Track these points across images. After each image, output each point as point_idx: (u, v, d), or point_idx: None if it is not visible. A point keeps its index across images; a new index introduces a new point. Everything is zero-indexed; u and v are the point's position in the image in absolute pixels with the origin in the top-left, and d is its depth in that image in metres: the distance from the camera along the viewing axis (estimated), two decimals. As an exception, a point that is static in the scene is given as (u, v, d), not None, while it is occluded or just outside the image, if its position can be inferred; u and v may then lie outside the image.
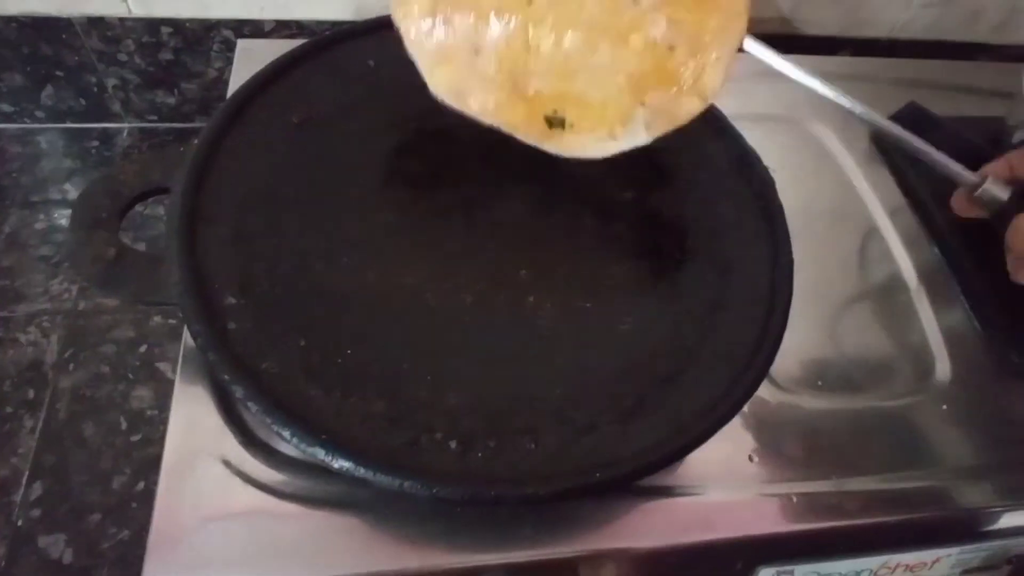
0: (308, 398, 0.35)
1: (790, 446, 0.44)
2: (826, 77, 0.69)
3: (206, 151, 0.42)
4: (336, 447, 0.33)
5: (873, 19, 0.75)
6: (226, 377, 0.34)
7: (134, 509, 0.48)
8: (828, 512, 0.41)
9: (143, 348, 0.57)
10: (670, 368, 0.40)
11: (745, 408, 0.39)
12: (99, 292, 0.55)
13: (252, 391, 0.34)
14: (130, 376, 0.55)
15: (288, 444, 0.33)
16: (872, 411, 0.47)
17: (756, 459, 0.43)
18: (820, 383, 0.47)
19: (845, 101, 0.43)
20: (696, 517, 0.40)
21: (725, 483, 0.42)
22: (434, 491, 0.32)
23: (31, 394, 0.53)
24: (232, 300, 0.37)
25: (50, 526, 0.47)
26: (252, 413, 0.34)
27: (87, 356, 0.56)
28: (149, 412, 0.54)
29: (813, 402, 0.46)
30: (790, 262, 0.44)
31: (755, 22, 0.72)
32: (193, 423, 0.39)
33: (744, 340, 0.41)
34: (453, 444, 0.35)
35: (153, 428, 0.53)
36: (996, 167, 0.48)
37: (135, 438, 0.52)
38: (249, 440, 0.39)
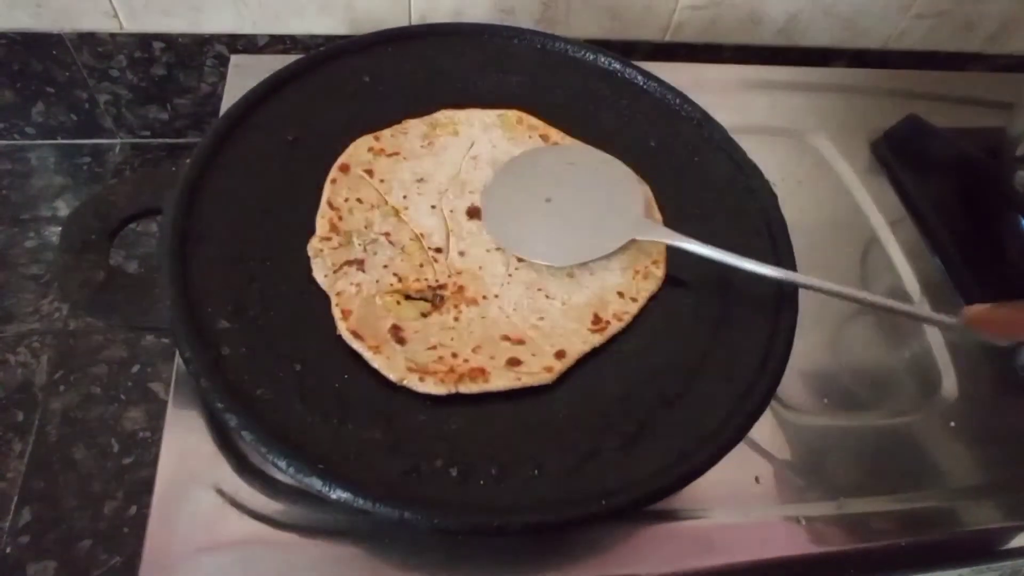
0: (304, 425, 0.34)
1: (796, 466, 0.43)
2: (823, 88, 0.70)
3: (198, 170, 0.41)
4: (333, 478, 0.32)
5: (867, 30, 0.75)
6: (219, 405, 0.33)
7: (126, 535, 0.47)
8: (837, 535, 0.41)
9: (135, 368, 0.55)
10: (672, 390, 0.39)
11: (750, 428, 0.38)
12: (88, 318, 0.54)
13: (246, 420, 0.33)
14: (122, 397, 0.54)
15: (284, 474, 0.32)
16: (879, 429, 0.46)
17: (762, 480, 0.42)
18: (825, 400, 0.47)
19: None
20: (702, 542, 0.39)
21: (731, 506, 0.41)
22: (435, 522, 0.31)
23: (20, 416, 0.52)
24: (225, 324, 0.36)
25: (39, 553, 0.45)
26: (247, 442, 0.33)
27: (78, 377, 0.54)
28: (142, 434, 0.52)
29: (819, 420, 0.46)
30: (794, 280, 0.43)
31: (750, 32, 0.73)
32: (186, 450, 0.38)
33: (748, 360, 0.40)
34: (454, 472, 0.34)
35: (146, 450, 0.51)
36: None
37: (127, 461, 0.51)
38: (244, 467, 0.37)
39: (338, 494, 0.32)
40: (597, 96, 0.53)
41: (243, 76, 0.54)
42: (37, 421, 0.52)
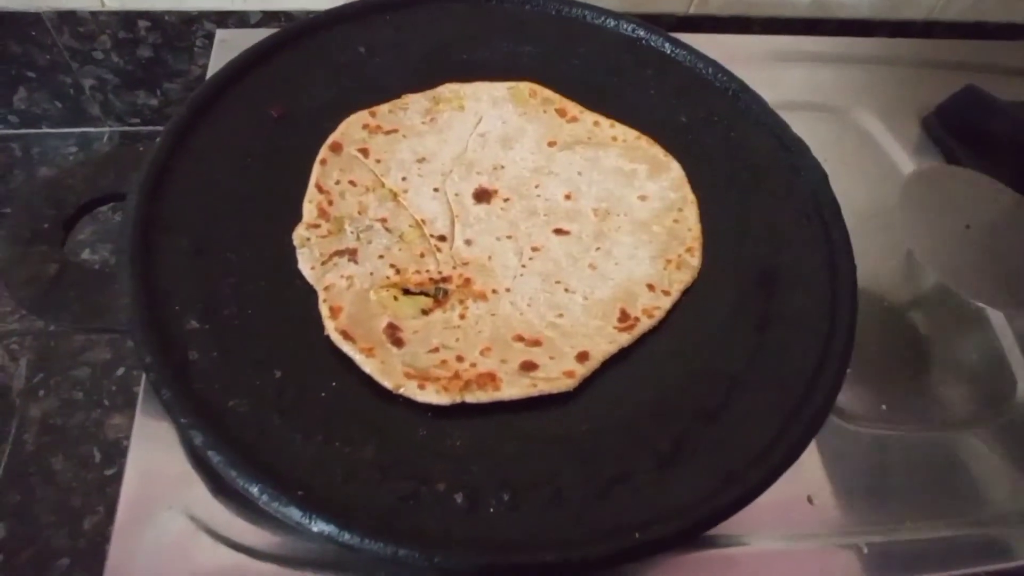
0: (283, 443, 0.29)
1: (855, 484, 0.37)
2: (865, 60, 0.64)
3: (168, 151, 0.36)
4: (315, 507, 0.27)
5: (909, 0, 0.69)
6: (183, 420, 0.28)
7: (107, 553, 0.43)
8: (906, 564, 0.35)
9: (120, 371, 0.52)
10: (713, 400, 0.34)
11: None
12: (35, 317, 0.50)
13: (214, 437, 0.28)
14: (105, 402, 0.50)
15: (258, 501, 0.28)
16: (947, 439, 0.40)
17: (816, 500, 0.36)
18: (884, 407, 0.41)
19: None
20: (748, 573, 0.34)
21: (781, 530, 0.36)
22: (436, 560, 0.26)
23: None
24: (194, 324, 0.32)
25: (13, 573, 0.42)
26: (214, 464, 0.28)
27: (58, 381, 0.51)
28: (126, 442, 0.48)
29: (878, 430, 0.40)
30: (852, 269, 0.38)
31: (781, 4, 0.67)
32: (154, 467, 0.34)
33: (801, 364, 0.35)
34: (459, 498, 0.29)
35: None
36: None
37: (109, 472, 0.48)
38: (219, 488, 0.33)
39: (320, 527, 0.27)
40: (619, 66, 0.48)
41: (230, 52, 0.49)
42: (14, 429, 0.49)
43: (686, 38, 0.51)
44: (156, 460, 0.34)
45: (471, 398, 0.32)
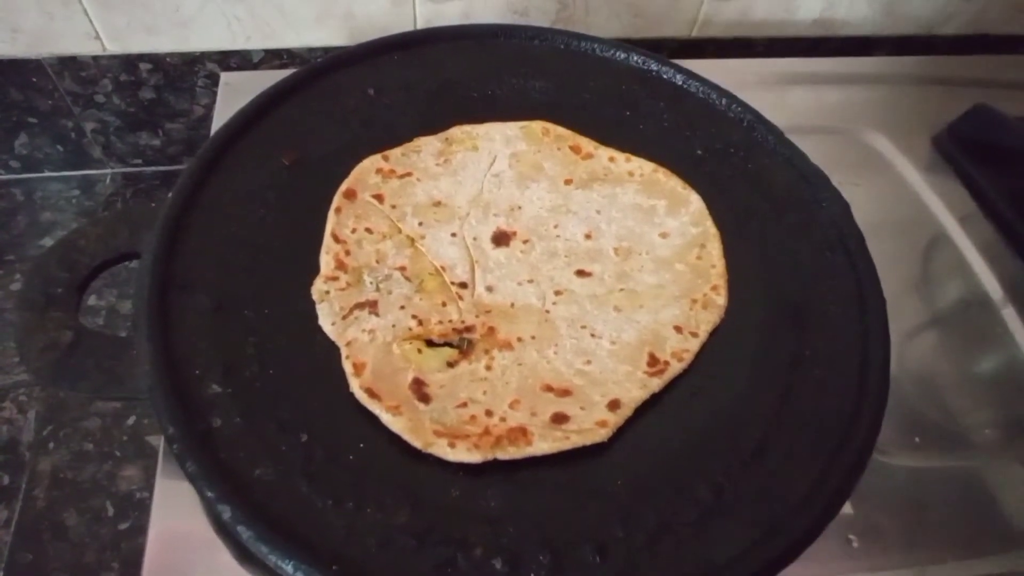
0: (313, 512, 0.28)
1: (897, 522, 0.36)
2: (872, 80, 0.64)
3: (181, 206, 0.35)
4: (350, 581, 0.26)
5: (911, 15, 0.69)
6: (210, 494, 0.27)
7: (131, 624, 0.42)
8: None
9: (131, 420, 0.51)
10: (749, 444, 0.33)
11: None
12: (52, 388, 0.49)
13: (242, 510, 0.27)
14: (117, 453, 0.50)
15: (290, 577, 0.27)
16: (985, 469, 0.39)
17: (857, 542, 0.35)
18: (918, 439, 0.40)
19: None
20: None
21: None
22: (478, 635, 0.25)
23: (6, 480, 0.48)
24: (216, 388, 0.31)
25: (26, 638, 0.41)
26: (244, 540, 0.27)
27: (68, 433, 0.50)
28: (139, 494, 0.48)
29: (914, 463, 0.39)
30: (881, 302, 0.37)
31: (784, 24, 0.68)
32: (177, 533, 0.33)
33: (837, 404, 0.34)
34: (498, 563, 0.28)
35: (144, 513, 0.47)
36: None
37: (123, 526, 0.47)
38: (246, 556, 0.31)
39: (357, 603, 0.26)
40: (631, 100, 0.47)
41: (235, 95, 0.49)
42: (24, 484, 0.48)
43: (691, 64, 0.51)
44: (179, 525, 0.33)
45: (503, 455, 0.31)
